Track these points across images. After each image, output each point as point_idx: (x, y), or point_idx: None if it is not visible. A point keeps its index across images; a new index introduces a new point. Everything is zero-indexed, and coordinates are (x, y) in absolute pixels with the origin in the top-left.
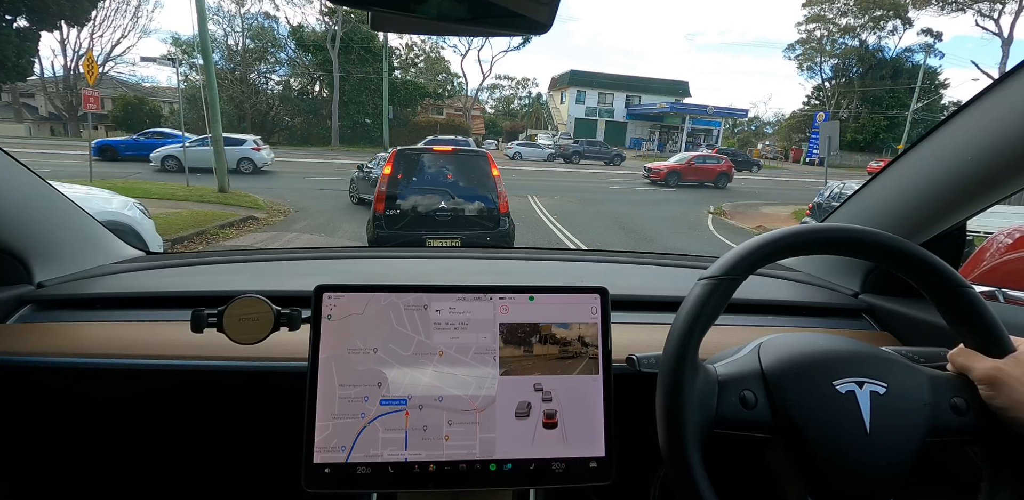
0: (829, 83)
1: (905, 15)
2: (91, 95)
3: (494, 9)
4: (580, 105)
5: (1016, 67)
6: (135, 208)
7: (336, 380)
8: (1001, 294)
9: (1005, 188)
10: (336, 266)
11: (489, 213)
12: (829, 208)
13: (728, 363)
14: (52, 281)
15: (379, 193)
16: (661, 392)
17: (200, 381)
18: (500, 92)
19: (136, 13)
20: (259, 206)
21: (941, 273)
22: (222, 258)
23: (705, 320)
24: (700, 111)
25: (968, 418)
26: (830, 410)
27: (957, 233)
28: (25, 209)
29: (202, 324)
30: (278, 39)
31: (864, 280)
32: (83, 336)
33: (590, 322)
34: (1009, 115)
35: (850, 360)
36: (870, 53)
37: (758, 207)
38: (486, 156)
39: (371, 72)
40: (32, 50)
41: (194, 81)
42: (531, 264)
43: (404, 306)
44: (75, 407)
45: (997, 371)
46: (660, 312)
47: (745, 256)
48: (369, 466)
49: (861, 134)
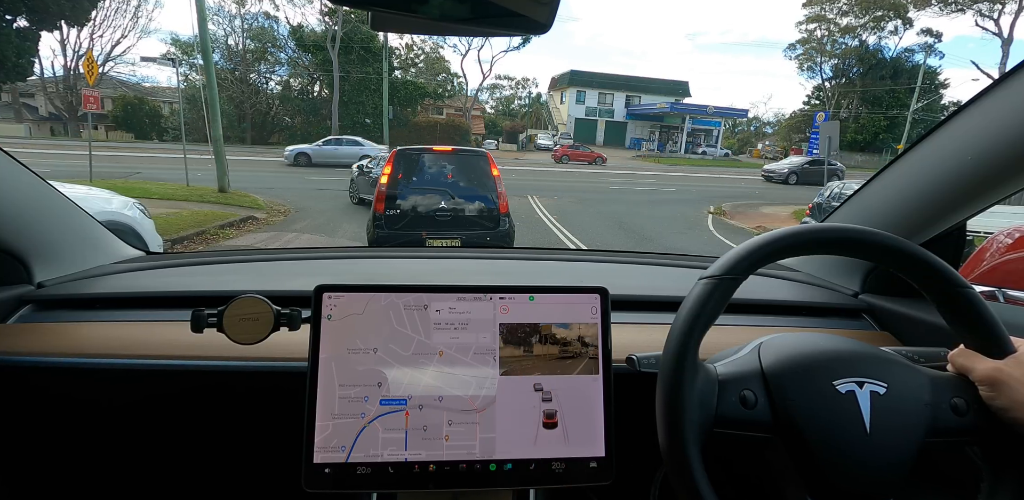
0: (829, 83)
1: (905, 15)
2: (91, 95)
3: (494, 9)
4: (580, 105)
5: (1016, 67)
6: (135, 208)
7: (336, 380)
8: (1001, 294)
9: (1005, 188)
10: (336, 266)
11: (489, 213)
12: (829, 208)
13: (728, 363)
14: (52, 281)
15: (379, 193)
16: (661, 390)
17: (200, 381)
18: (500, 92)
19: (136, 13)
20: (259, 206)
21: (941, 274)
22: (222, 258)
23: (706, 319)
24: (700, 111)
25: (968, 419)
26: (830, 410)
27: (957, 233)
28: (25, 209)
29: (202, 324)
30: (278, 39)
31: (864, 280)
32: (83, 336)
33: (590, 322)
34: (1009, 115)
35: (850, 360)
36: (870, 53)
37: (758, 207)
38: (486, 156)
39: (371, 72)
40: (32, 50)
41: (194, 81)
42: (531, 264)
43: (404, 306)
44: (75, 407)
45: (998, 372)
46: (660, 312)
47: (746, 256)
48: (369, 466)
49: (861, 134)
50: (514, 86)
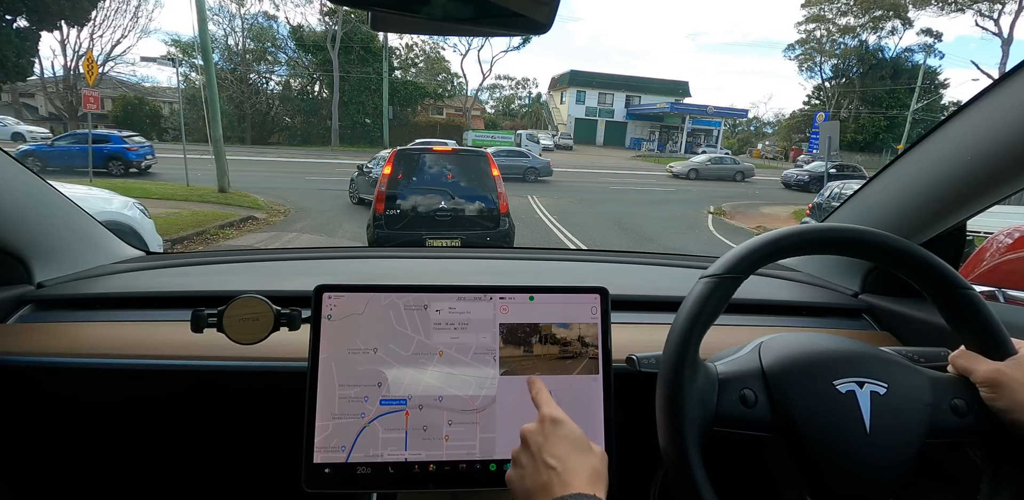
0: (829, 83)
1: (904, 15)
2: (91, 95)
3: (494, 9)
4: (580, 105)
5: (1016, 67)
6: (135, 208)
7: (336, 380)
8: (1001, 294)
9: (1005, 188)
10: (336, 266)
11: (489, 213)
12: (829, 208)
13: (728, 362)
14: (52, 281)
15: (379, 193)
16: (661, 388)
17: (200, 381)
18: (500, 92)
19: (136, 13)
20: (259, 206)
21: (942, 274)
22: (222, 258)
23: (706, 318)
24: (700, 111)
25: (969, 420)
26: (830, 410)
27: (957, 233)
28: (25, 209)
29: (202, 324)
30: (278, 39)
31: (864, 280)
32: (83, 336)
33: (590, 322)
34: (1009, 115)
35: (851, 360)
36: (870, 53)
37: (758, 207)
38: (486, 156)
39: (371, 72)
40: (32, 50)
41: (194, 81)
42: (531, 264)
43: (404, 306)
44: (75, 407)
45: (998, 374)
46: (660, 312)
47: (746, 255)
48: (369, 466)
49: (861, 134)
50: (514, 86)
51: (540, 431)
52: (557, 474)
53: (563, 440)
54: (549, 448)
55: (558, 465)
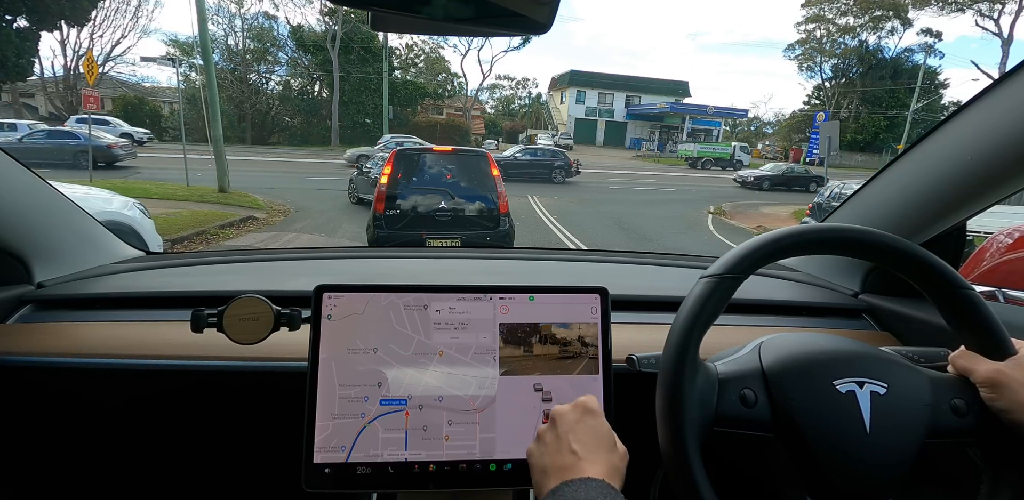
0: (829, 83)
1: (904, 15)
2: (91, 95)
3: (494, 9)
4: (580, 105)
5: (1016, 67)
6: (135, 208)
7: (336, 380)
8: (1001, 294)
9: (1005, 188)
10: (336, 266)
11: (489, 213)
12: (829, 208)
13: (728, 362)
14: (52, 281)
15: (379, 193)
16: (661, 388)
17: (200, 381)
18: (500, 92)
19: (136, 13)
20: (259, 206)
21: (942, 274)
22: (222, 258)
23: (706, 318)
24: (700, 111)
25: (969, 420)
26: (830, 410)
27: (957, 233)
28: (25, 209)
29: (202, 324)
30: (278, 39)
31: (864, 280)
32: (83, 336)
33: (590, 322)
34: (1009, 115)
35: (851, 360)
36: (870, 53)
37: (758, 207)
38: (486, 156)
39: (371, 72)
40: (32, 50)
41: (194, 81)
42: (531, 264)
43: (404, 306)
44: (75, 407)
45: (999, 374)
46: (660, 312)
47: (746, 255)
48: (369, 466)
49: (861, 134)
50: (514, 86)
51: (572, 413)
52: (578, 460)
53: (592, 430)
54: (577, 434)
55: (581, 452)
